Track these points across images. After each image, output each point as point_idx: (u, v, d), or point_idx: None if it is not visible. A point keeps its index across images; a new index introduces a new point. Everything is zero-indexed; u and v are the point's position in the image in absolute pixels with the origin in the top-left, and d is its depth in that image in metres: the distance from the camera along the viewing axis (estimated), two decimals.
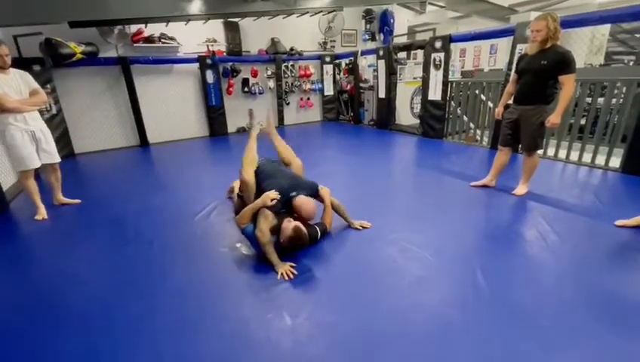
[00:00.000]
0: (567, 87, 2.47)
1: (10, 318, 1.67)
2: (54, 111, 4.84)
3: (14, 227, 2.79)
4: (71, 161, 4.88)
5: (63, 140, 4.92)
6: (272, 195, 2.08)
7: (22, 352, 1.45)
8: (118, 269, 2.06)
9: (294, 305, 1.65)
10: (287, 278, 1.85)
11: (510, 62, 3.93)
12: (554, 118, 2.53)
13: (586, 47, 5.91)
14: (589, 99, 3.79)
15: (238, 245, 2.25)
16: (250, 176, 2.30)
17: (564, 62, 2.44)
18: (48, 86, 4.60)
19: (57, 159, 2.97)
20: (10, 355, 1.43)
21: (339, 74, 7.43)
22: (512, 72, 3.06)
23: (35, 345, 1.47)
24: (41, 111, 2.93)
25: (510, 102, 2.87)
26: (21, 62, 4.16)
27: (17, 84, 2.66)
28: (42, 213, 2.86)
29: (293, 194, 2.13)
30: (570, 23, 3.43)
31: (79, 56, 4.69)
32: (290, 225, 1.94)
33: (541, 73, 2.52)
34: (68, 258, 2.26)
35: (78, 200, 3.16)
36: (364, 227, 2.42)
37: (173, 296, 1.78)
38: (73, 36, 4.59)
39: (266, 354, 1.37)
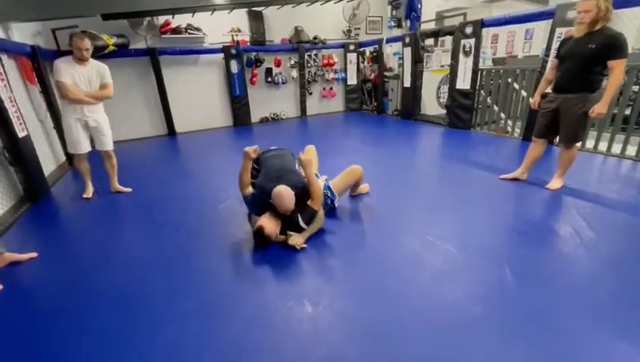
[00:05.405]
0: (617, 73, 2.27)
1: (56, 284, 1.81)
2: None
3: (52, 208, 2.99)
4: None
5: None
6: (249, 149, 2.20)
7: (66, 318, 1.56)
8: (146, 253, 2.16)
9: (314, 294, 1.66)
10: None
11: (548, 48, 3.68)
12: (600, 108, 2.34)
13: (636, 29, 5.41)
14: (635, 88, 3.49)
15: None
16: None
17: (615, 46, 2.23)
18: None
19: (107, 147, 3.06)
20: (55, 319, 1.56)
21: (363, 62, 7.28)
22: (552, 58, 2.87)
23: (75, 313, 1.59)
24: None
25: (548, 90, 2.69)
26: (60, 55, 4.37)
27: (89, 76, 2.82)
28: (89, 191, 3.12)
29: (272, 185, 2.10)
30: (625, 1, 3.08)
31: (111, 47, 4.86)
32: (258, 222, 2.04)
33: (588, 58, 2.32)
34: (101, 239, 2.39)
35: (129, 189, 3.22)
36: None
37: (196, 279, 1.84)
38: (105, 28, 4.76)
39: (285, 340, 1.39)
